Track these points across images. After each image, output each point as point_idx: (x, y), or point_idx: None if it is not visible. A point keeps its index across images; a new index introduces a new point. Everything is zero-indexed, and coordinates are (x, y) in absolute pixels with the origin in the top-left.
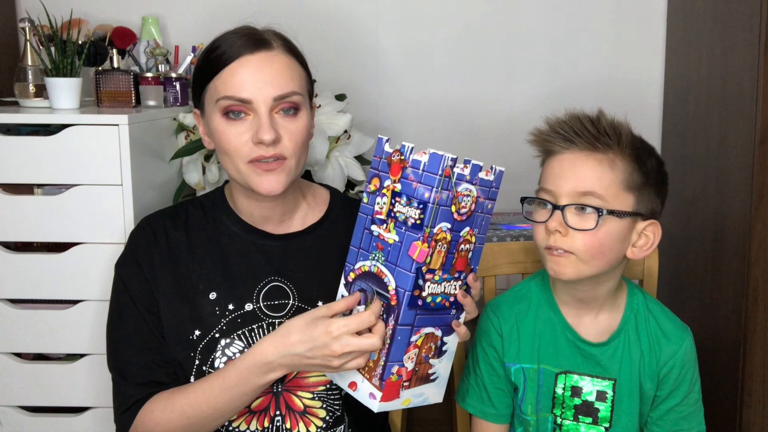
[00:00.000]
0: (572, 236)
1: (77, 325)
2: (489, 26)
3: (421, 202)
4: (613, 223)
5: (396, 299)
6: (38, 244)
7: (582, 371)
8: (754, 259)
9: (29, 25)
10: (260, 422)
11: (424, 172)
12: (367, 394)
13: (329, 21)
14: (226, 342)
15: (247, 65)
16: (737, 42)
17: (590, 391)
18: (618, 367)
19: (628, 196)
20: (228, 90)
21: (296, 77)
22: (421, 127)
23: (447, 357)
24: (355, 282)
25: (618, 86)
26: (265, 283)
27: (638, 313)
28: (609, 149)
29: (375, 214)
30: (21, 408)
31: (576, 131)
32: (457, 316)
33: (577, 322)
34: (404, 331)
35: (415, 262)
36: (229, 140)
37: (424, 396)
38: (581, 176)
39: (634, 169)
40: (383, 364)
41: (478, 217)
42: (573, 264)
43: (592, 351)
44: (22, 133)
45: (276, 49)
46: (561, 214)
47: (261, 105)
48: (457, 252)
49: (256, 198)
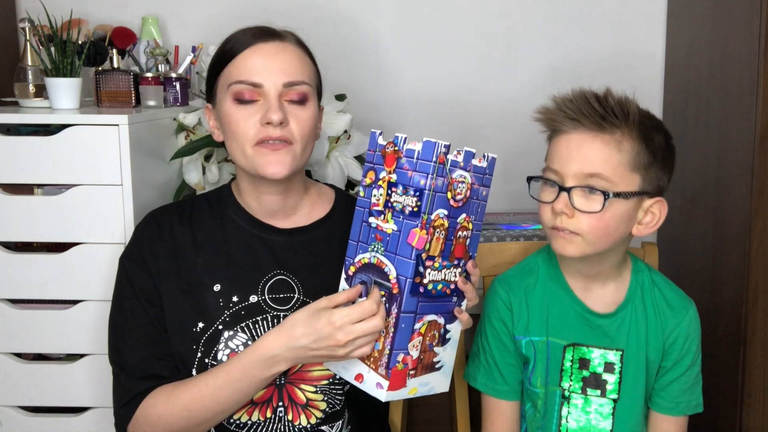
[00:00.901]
0: (578, 218)
1: (77, 325)
2: (489, 26)
3: (417, 189)
4: (620, 205)
5: (398, 287)
6: (38, 244)
7: (590, 343)
8: (754, 259)
9: (29, 25)
10: (263, 413)
11: (418, 160)
12: (374, 384)
13: (329, 21)
14: (229, 334)
15: (259, 52)
16: (737, 41)
17: (599, 362)
18: (626, 337)
19: (635, 176)
20: (241, 74)
21: (306, 69)
22: (421, 127)
23: (451, 345)
24: (355, 275)
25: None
26: (271, 276)
27: (644, 285)
28: (616, 129)
29: (372, 206)
30: (21, 408)
31: (583, 111)
32: (459, 303)
33: (585, 294)
34: (408, 319)
35: (415, 249)
36: (238, 122)
37: (431, 385)
38: (588, 158)
39: (641, 149)
40: (388, 353)
41: (473, 204)
42: (578, 244)
43: (600, 322)
44: (22, 133)
45: (288, 41)
46: (567, 195)
47: (271, 89)
48: (455, 239)
49: (262, 189)
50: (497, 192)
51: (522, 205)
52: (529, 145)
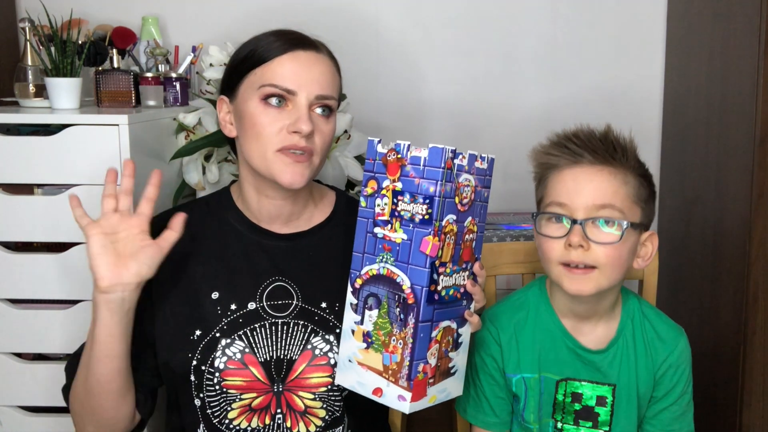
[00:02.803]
0: (594, 250)
1: (77, 325)
2: (490, 25)
3: (427, 196)
4: (630, 236)
5: (413, 297)
6: (38, 244)
7: (582, 377)
8: (754, 259)
9: (29, 25)
10: (261, 420)
11: (425, 167)
12: (396, 397)
13: (329, 21)
14: (226, 342)
15: (297, 60)
16: (737, 42)
17: (591, 396)
18: (617, 372)
19: (638, 209)
20: (276, 79)
21: (335, 84)
22: (421, 127)
23: (463, 349)
24: (363, 287)
25: (618, 84)
26: (269, 282)
27: (634, 318)
28: (619, 164)
29: (377, 216)
30: (21, 408)
31: (590, 145)
32: (468, 306)
33: (577, 330)
34: (425, 328)
35: (429, 257)
36: (264, 125)
37: (447, 391)
38: (600, 189)
39: (640, 184)
40: (408, 365)
41: (477, 206)
42: (595, 279)
43: (593, 358)
44: (22, 133)
45: (323, 53)
46: (581, 228)
47: (303, 98)
48: (462, 242)
49: (266, 193)
50: (497, 192)
51: (522, 205)
52: (529, 145)
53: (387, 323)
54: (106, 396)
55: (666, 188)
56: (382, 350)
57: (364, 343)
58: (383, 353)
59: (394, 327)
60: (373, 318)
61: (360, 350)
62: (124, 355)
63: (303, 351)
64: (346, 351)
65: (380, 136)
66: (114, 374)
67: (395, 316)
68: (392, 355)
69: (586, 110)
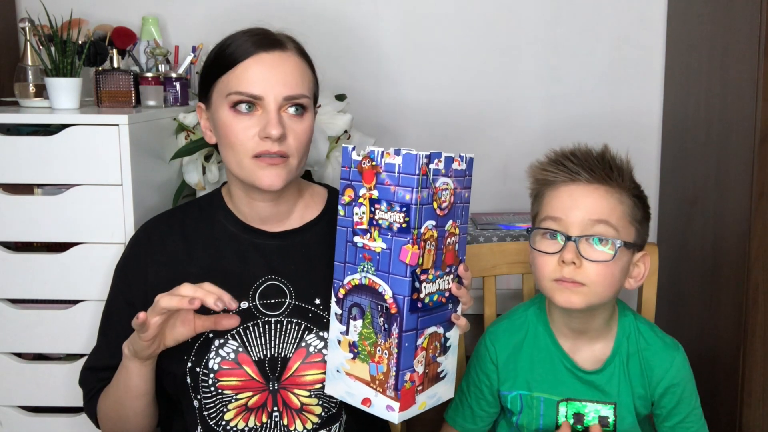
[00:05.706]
0: (585, 267)
1: (77, 325)
2: (489, 25)
3: (404, 204)
4: (623, 255)
5: (396, 307)
6: (38, 244)
7: (583, 398)
8: (754, 260)
9: (29, 25)
10: (258, 418)
11: (400, 174)
12: (384, 407)
13: (329, 21)
14: (219, 342)
15: (261, 63)
16: (737, 42)
17: (593, 417)
18: (616, 391)
19: (632, 228)
20: (241, 85)
21: (306, 80)
22: (420, 127)
23: (452, 352)
24: (346, 297)
25: (619, 84)
26: (262, 281)
27: (630, 337)
28: (616, 184)
29: (355, 225)
30: (21, 408)
31: (588, 164)
32: (455, 309)
33: (574, 349)
34: (410, 337)
35: (409, 266)
36: (236, 134)
37: (438, 395)
38: (595, 205)
39: (635, 203)
40: (395, 374)
41: (458, 208)
42: (584, 295)
43: (590, 378)
44: (22, 133)
45: (290, 50)
46: (575, 245)
47: (271, 102)
48: (444, 247)
49: (254, 196)
50: (497, 192)
51: (522, 205)
52: (530, 145)
53: (372, 333)
54: (141, 420)
55: (666, 188)
56: (368, 361)
57: (351, 354)
58: (370, 363)
59: (379, 337)
60: (358, 328)
61: (347, 360)
62: (153, 387)
63: (297, 349)
64: (334, 361)
65: (380, 137)
66: (146, 406)
67: (379, 327)
68: (378, 366)
69: (587, 110)
